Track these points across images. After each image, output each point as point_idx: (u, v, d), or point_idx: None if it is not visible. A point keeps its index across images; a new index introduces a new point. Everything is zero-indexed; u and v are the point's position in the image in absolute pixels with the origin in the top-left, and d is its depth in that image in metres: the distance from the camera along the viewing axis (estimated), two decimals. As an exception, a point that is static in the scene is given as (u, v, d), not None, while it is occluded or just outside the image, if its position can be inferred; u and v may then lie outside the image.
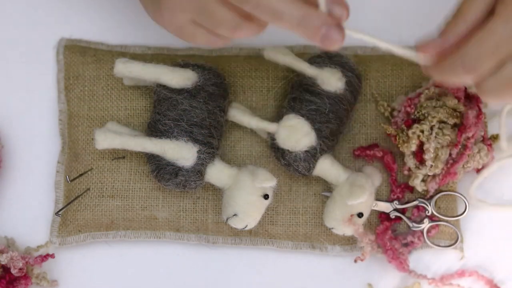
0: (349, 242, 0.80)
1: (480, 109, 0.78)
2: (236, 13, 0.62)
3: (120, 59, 0.76)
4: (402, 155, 0.78)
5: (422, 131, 0.76)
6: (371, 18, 0.85)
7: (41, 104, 0.83)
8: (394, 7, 0.85)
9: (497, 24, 0.61)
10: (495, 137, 0.80)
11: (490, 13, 0.62)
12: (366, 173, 0.78)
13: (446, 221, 0.79)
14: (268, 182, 0.75)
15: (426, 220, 0.79)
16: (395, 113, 0.80)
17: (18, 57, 0.84)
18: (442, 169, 0.76)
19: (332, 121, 0.77)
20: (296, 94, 0.78)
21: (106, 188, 0.80)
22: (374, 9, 0.85)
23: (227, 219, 0.76)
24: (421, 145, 0.77)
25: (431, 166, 0.76)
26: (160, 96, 0.76)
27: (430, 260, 0.80)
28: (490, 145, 0.78)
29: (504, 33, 0.60)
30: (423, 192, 0.79)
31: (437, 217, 0.79)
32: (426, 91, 0.78)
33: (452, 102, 0.77)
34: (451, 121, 0.76)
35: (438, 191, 0.79)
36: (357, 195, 0.75)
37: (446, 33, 0.64)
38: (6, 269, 0.77)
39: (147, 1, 0.71)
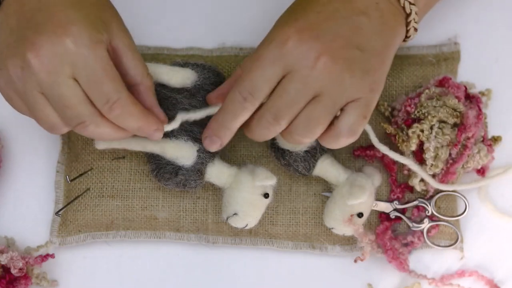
0: (349, 242, 0.80)
1: (480, 109, 0.78)
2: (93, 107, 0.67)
3: (120, 59, 0.76)
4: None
5: (422, 131, 0.76)
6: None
7: (41, 104, 0.83)
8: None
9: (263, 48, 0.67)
10: (495, 138, 0.80)
11: None
12: (366, 173, 0.78)
13: (446, 221, 0.79)
14: (268, 180, 0.75)
15: (426, 220, 0.79)
16: (395, 112, 0.80)
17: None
18: (442, 169, 0.76)
19: (332, 121, 0.77)
20: (296, 94, 0.78)
21: (106, 188, 0.80)
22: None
23: (227, 218, 0.76)
24: (421, 145, 0.77)
25: (432, 165, 0.76)
26: (159, 95, 0.76)
27: (430, 260, 0.80)
28: (490, 145, 0.78)
29: (271, 54, 0.66)
30: (423, 192, 0.79)
31: (437, 217, 0.79)
32: (427, 90, 0.78)
33: (452, 101, 0.77)
34: (451, 120, 0.76)
35: (438, 191, 0.79)
36: (357, 195, 0.75)
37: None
38: (6, 269, 0.77)
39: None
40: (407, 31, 0.73)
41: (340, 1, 0.68)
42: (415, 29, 0.73)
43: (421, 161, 0.77)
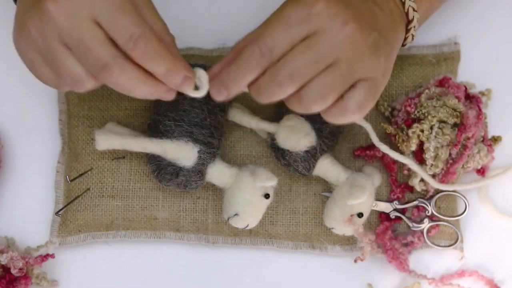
0: (349, 242, 0.80)
1: (480, 109, 0.78)
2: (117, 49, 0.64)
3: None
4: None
5: (422, 131, 0.76)
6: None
7: (41, 104, 0.83)
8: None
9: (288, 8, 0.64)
10: (495, 138, 0.80)
11: None
12: (366, 173, 0.78)
13: (446, 221, 0.79)
14: (269, 181, 0.75)
15: (426, 220, 0.79)
16: (395, 112, 0.80)
17: (18, 57, 0.84)
18: (442, 169, 0.76)
19: (332, 121, 0.77)
20: (296, 94, 0.78)
21: (106, 188, 0.80)
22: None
23: (228, 219, 0.76)
24: (420, 145, 0.77)
25: (432, 165, 0.76)
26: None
27: (430, 260, 0.80)
28: (490, 145, 0.78)
29: (298, 14, 0.64)
30: (423, 192, 0.79)
31: (437, 217, 0.79)
32: (427, 90, 0.78)
33: (452, 101, 0.77)
34: (451, 120, 0.76)
35: (438, 191, 0.79)
36: (357, 195, 0.75)
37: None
38: (6, 269, 0.77)
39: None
40: (405, 38, 0.73)
41: None
42: (413, 37, 0.73)
43: (421, 161, 0.77)
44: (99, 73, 0.64)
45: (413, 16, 0.71)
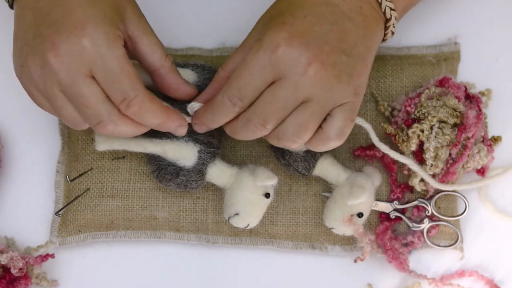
0: (349, 242, 0.80)
1: (480, 109, 0.78)
2: (111, 104, 0.68)
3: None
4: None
5: (422, 131, 0.76)
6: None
7: (41, 104, 0.83)
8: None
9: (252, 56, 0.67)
10: (495, 138, 0.80)
11: None
12: (366, 173, 0.78)
13: (446, 221, 0.79)
14: (269, 180, 0.75)
15: (426, 220, 0.79)
16: (395, 112, 0.80)
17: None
18: (442, 169, 0.76)
19: (332, 121, 0.77)
20: (296, 94, 0.78)
21: (106, 188, 0.80)
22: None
23: (229, 218, 0.76)
24: (421, 145, 0.77)
25: (432, 165, 0.76)
26: (159, 96, 0.76)
27: (430, 260, 0.80)
28: (490, 145, 0.78)
29: (260, 62, 0.66)
30: (423, 192, 0.79)
31: (437, 217, 0.79)
32: (427, 90, 0.78)
33: (452, 101, 0.77)
34: (451, 120, 0.76)
35: (438, 191, 0.79)
36: (357, 195, 0.75)
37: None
38: (6, 269, 0.77)
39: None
40: (385, 34, 0.73)
41: (325, 4, 0.68)
42: (392, 33, 0.74)
43: (421, 161, 0.77)
44: (93, 126, 0.68)
45: (391, 15, 0.72)
